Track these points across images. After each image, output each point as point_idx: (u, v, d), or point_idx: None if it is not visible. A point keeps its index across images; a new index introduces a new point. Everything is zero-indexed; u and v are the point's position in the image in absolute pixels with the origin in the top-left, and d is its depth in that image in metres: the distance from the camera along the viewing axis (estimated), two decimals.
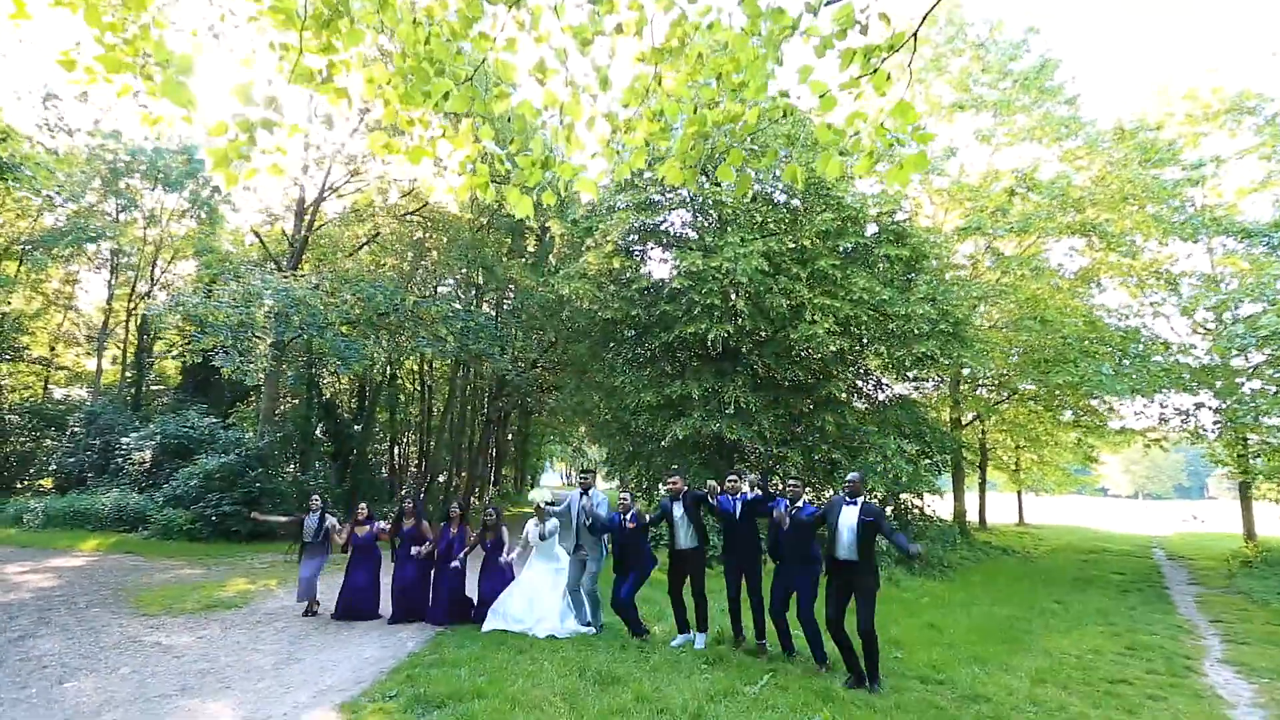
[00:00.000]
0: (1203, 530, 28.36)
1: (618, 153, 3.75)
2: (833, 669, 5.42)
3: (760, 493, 5.96)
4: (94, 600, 7.69)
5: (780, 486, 11.42)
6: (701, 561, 6.22)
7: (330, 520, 7.44)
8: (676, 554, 6.22)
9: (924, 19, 2.91)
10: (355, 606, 7.07)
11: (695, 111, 3.51)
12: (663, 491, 6.57)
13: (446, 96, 3.41)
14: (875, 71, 2.96)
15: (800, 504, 5.64)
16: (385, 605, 7.24)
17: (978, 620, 8.19)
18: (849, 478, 5.40)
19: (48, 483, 19.03)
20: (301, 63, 3.11)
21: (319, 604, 7.29)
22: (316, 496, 7.75)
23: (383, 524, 7.46)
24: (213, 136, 2.94)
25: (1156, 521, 34.96)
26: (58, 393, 25.59)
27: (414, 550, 6.98)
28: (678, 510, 6.16)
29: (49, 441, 20.35)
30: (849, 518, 5.20)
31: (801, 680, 5.11)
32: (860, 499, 5.25)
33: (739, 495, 6.05)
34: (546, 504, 6.96)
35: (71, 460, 17.89)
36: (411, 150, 3.66)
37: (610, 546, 6.74)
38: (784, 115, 3.12)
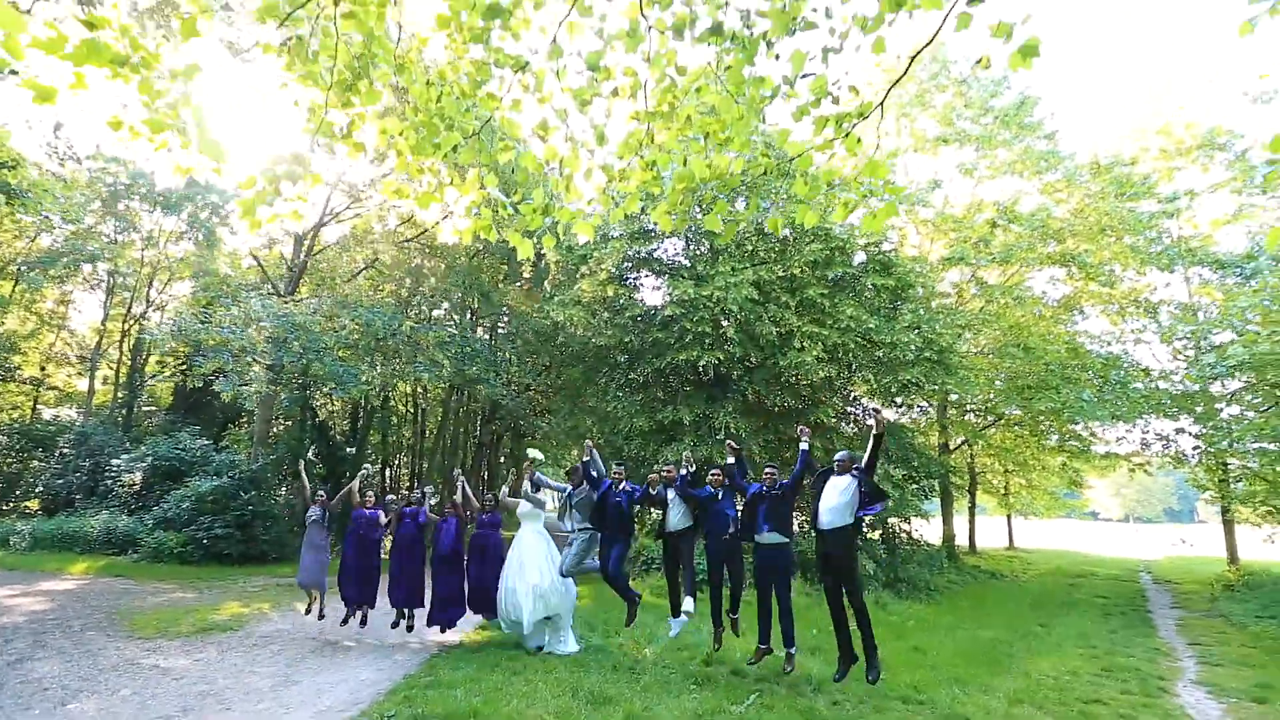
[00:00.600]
0: (1191, 554, 28.62)
1: (613, 199, 4.05)
2: (819, 689, 5.59)
3: (735, 459, 6.15)
4: (88, 623, 7.74)
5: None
6: (691, 539, 6.50)
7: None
8: (669, 535, 6.48)
9: (887, 93, 3.25)
10: (355, 588, 7.25)
11: (684, 163, 3.83)
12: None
13: (455, 149, 3.71)
14: (847, 135, 3.28)
15: (776, 485, 5.85)
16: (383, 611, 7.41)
17: (961, 643, 8.37)
18: (838, 456, 5.61)
19: (34, 504, 18.87)
20: (325, 120, 3.40)
21: (324, 611, 7.43)
22: (323, 493, 7.96)
23: (395, 503, 7.73)
24: (243, 189, 3.21)
25: (1146, 545, 35.22)
26: (47, 413, 25.45)
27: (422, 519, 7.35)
28: (671, 494, 6.47)
29: (36, 463, 20.21)
30: (837, 483, 5.38)
31: (787, 700, 5.27)
32: (849, 473, 5.44)
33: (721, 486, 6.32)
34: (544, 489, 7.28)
35: (60, 482, 17.79)
36: (421, 196, 3.95)
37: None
38: (765, 173, 3.42)
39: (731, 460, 6.20)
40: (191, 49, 2.90)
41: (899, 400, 14.96)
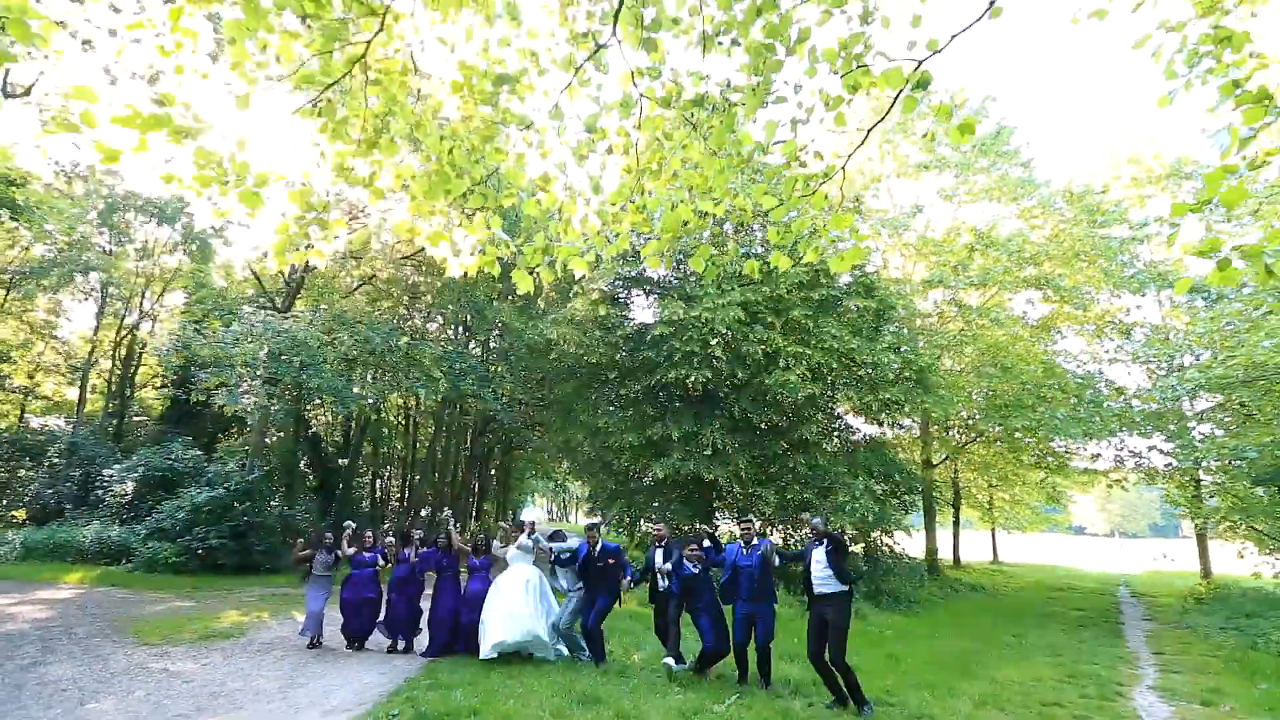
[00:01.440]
0: (1171, 568, 29.20)
1: (607, 239, 4.48)
2: (796, 690, 5.96)
3: (710, 542, 6.62)
4: (93, 630, 7.96)
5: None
6: (679, 602, 6.76)
7: (337, 551, 7.95)
8: (659, 597, 6.83)
9: (849, 157, 3.70)
10: (357, 623, 7.50)
11: (672, 209, 4.27)
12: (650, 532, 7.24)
13: (465, 195, 4.14)
14: (814, 193, 3.73)
15: (754, 543, 6.27)
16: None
17: (935, 652, 8.76)
18: (813, 520, 6.13)
19: (21, 514, 18.85)
20: (350, 172, 3.82)
21: (322, 640, 7.63)
22: (330, 535, 8.20)
23: (391, 541, 8.01)
24: (277, 234, 3.60)
25: (1128, 560, 35.88)
26: (35, 422, 25.40)
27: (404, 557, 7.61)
28: (659, 556, 6.83)
29: (24, 472, 20.19)
30: (819, 554, 5.85)
31: (766, 701, 5.64)
32: (824, 539, 5.89)
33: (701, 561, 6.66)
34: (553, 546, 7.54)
35: (49, 491, 17.84)
36: (431, 235, 4.36)
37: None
38: (741, 226, 3.86)
39: (707, 543, 6.65)
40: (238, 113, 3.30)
41: (881, 417, 15.46)
